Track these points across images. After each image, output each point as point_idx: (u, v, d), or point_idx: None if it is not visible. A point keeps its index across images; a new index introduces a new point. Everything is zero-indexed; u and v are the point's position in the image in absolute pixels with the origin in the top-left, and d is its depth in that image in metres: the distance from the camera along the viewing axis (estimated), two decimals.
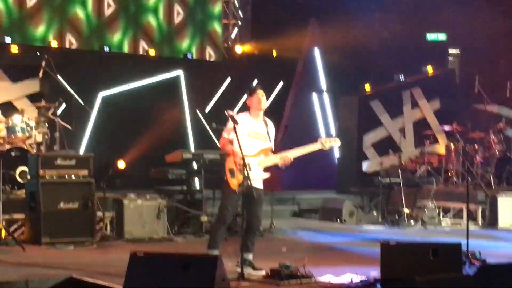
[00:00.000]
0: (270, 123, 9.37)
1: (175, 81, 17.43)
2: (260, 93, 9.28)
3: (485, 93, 18.76)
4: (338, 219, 15.22)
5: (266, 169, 9.22)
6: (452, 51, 21.25)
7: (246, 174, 8.73)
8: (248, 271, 8.90)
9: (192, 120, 17.50)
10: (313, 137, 9.71)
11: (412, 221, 14.92)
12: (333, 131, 19.55)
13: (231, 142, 9.04)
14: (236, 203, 9.27)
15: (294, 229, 13.97)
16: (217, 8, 19.04)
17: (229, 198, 9.14)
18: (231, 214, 9.34)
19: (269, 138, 9.28)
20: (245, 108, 9.62)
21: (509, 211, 15.10)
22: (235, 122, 8.91)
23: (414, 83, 19.56)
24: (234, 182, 9.00)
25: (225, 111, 9.14)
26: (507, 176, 16.95)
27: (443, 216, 15.66)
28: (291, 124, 17.09)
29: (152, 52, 17.46)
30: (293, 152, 9.29)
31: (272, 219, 13.76)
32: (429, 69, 19.53)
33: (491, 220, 15.07)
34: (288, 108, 19.17)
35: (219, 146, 9.52)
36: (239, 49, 19.02)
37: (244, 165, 8.73)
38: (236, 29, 19.86)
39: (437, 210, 15.43)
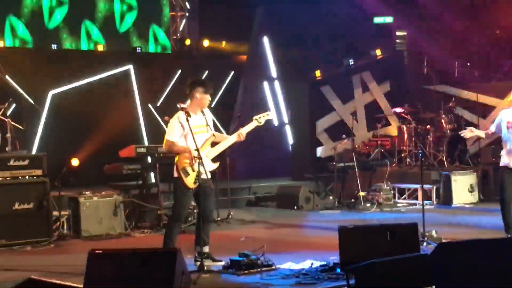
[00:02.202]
0: (207, 111, 9.38)
1: (125, 75, 17.33)
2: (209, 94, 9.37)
3: (433, 74, 18.96)
4: (294, 206, 15.27)
5: (214, 160, 9.28)
6: (399, 33, 21.43)
7: (197, 169, 8.77)
8: (207, 263, 8.93)
9: (145, 114, 17.42)
10: (265, 126, 9.86)
11: (368, 204, 15.04)
12: (285, 118, 19.61)
13: (177, 141, 9.06)
14: (190, 199, 9.41)
15: (251, 218, 13.97)
16: (164, 0, 19.01)
17: (185, 196, 9.16)
18: (186, 212, 9.44)
19: (210, 127, 9.32)
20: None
21: (462, 189, 15.32)
22: (188, 114, 8.93)
23: (364, 67, 19.70)
24: (189, 181, 9.00)
25: (178, 105, 9.15)
26: (459, 155, 17.19)
27: (398, 198, 15.84)
28: (243, 114, 17.09)
29: (100, 47, 17.34)
30: (243, 130, 9.40)
31: (230, 209, 13.77)
32: (378, 52, 19.67)
33: (445, 199, 15.27)
34: (239, 98, 19.18)
35: (163, 148, 9.48)
36: (188, 41, 18.98)
37: (195, 160, 8.79)
38: (184, 21, 19.79)
39: (392, 191, 15.58)
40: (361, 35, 19.64)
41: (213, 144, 9.36)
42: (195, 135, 9.02)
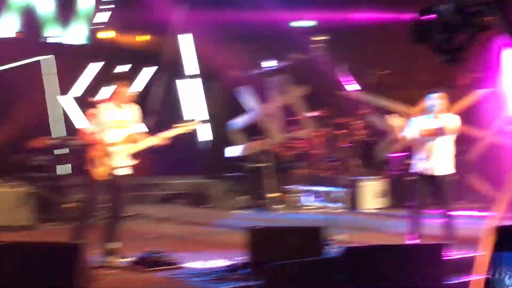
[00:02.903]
0: (134, 108, 9.29)
1: (42, 65, 16.98)
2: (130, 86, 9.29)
3: (350, 79, 19.17)
4: (207, 204, 15.24)
5: (133, 156, 9.16)
6: (317, 37, 21.58)
7: (109, 163, 8.66)
8: (113, 259, 8.81)
9: (56, 106, 17.11)
10: (181, 123, 9.77)
11: (279, 205, 15.10)
12: (202, 116, 19.54)
13: (92, 133, 8.95)
14: (100, 192, 9.21)
15: (162, 215, 13.89)
16: None
17: (94, 188, 9.01)
18: (96, 205, 9.28)
19: (134, 123, 9.23)
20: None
21: (371, 194, 15.54)
22: (103, 108, 8.82)
23: (283, 69, 19.78)
24: (99, 172, 8.87)
25: (89, 99, 9.03)
26: (371, 160, 17.43)
27: (309, 200, 15.96)
28: (159, 110, 17.00)
29: (16, 35, 16.97)
30: (164, 134, 9.30)
31: (140, 205, 13.65)
32: (295, 55, 19.76)
33: (354, 203, 15.45)
34: (156, 94, 19.01)
35: (80, 138, 9.36)
36: (103, 34, 18.73)
37: (108, 154, 8.66)
38: (106, 13, 19.51)
39: (303, 193, 15.70)
40: (279, 38, 19.70)
41: (134, 141, 9.23)
42: (115, 129, 8.92)
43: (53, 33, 17.96)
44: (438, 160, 10.14)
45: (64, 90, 17.28)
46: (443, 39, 4.92)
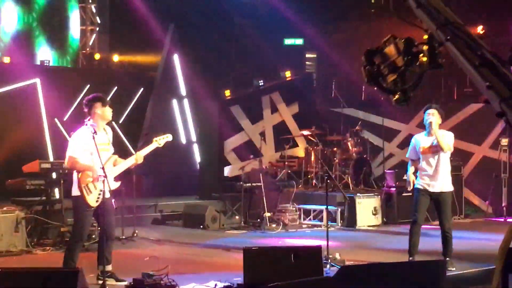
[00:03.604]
0: (109, 129, 9.35)
1: (31, 89, 16.98)
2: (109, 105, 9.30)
3: (341, 97, 19.24)
4: (201, 225, 15.21)
5: (116, 178, 9.20)
6: (309, 55, 21.67)
7: (104, 187, 8.67)
8: (110, 282, 8.80)
9: (51, 129, 17.10)
10: (174, 144, 9.80)
11: (273, 224, 15.09)
12: (194, 137, 19.57)
13: (80, 158, 8.93)
14: (91, 217, 9.23)
15: (157, 237, 13.86)
16: (74, 14, 18.77)
17: (86, 214, 9.02)
18: (88, 230, 9.32)
19: (111, 145, 9.29)
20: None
21: (366, 212, 15.54)
22: (95, 132, 8.82)
23: (273, 88, 19.85)
24: (91, 199, 8.86)
25: (85, 120, 9.03)
26: (364, 177, 17.46)
27: (303, 219, 15.95)
28: (152, 131, 16.99)
29: (6, 59, 16.98)
30: (141, 152, 9.39)
31: (135, 227, 13.62)
32: (287, 73, 19.85)
33: (350, 221, 15.44)
34: (148, 115, 19.04)
35: (66, 165, 9.34)
36: (97, 56, 18.78)
37: (98, 177, 8.69)
38: (94, 35, 19.58)
39: (297, 212, 15.69)
40: (271, 56, 19.79)
41: (115, 163, 9.27)
42: (101, 152, 8.92)
43: (44, 57, 17.99)
44: (440, 176, 10.25)
45: (54, 113, 17.23)
46: (393, 80, 4.91)
